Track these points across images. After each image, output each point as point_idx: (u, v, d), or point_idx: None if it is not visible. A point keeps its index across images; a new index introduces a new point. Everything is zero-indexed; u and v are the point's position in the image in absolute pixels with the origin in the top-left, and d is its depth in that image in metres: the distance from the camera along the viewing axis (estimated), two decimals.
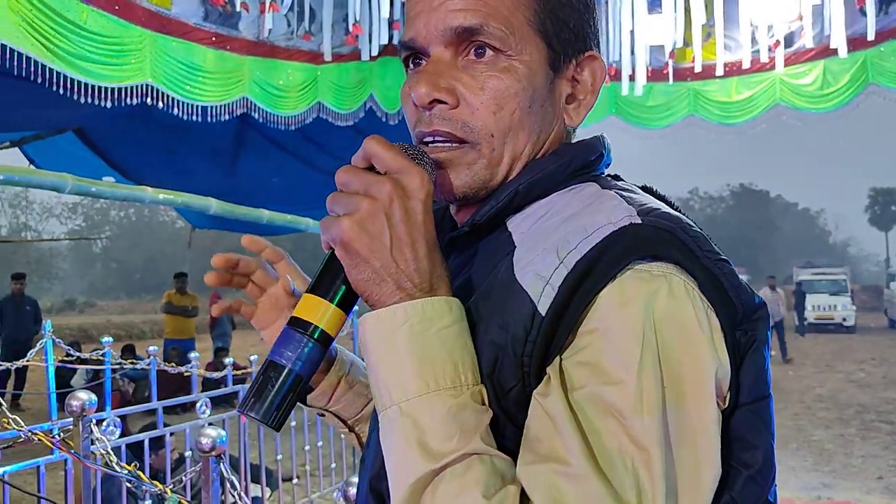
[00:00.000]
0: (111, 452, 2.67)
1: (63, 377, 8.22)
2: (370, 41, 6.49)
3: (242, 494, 2.32)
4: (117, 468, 2.59)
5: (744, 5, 7.02)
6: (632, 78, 7.19)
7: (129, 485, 2.64)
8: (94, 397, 2.76)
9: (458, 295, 0.75)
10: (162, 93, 5.32)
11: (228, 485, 2.44)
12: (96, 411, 2.91)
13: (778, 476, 0.78)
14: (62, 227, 53.72)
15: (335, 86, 6.66)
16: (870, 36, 6.54)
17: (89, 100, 4.83)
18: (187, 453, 3.98)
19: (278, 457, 4.54)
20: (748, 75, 7.48)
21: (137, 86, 5.13)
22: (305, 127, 6.66)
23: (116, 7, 4.93)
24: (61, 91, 4.63)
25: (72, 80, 4.66)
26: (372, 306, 0.73)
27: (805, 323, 22.01)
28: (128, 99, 5.10)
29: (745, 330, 0.74)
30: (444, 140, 0.81)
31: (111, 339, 4.41)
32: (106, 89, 4.91)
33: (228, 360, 4.75)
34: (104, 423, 3.34)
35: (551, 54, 0.82)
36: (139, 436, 3.97)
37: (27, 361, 4.76)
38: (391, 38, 6.38)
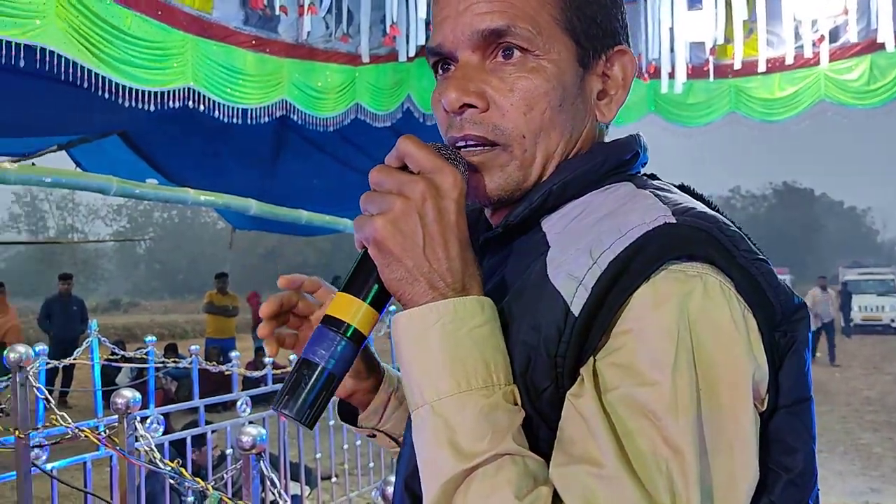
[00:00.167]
0: (155, 449, 2.72)
1: (108, 375, 8.41)
2: (407, 42, 6.52)
3: (282, 492, 2.34)
4: (161, 465, 2.63)
5: (787, 0, 6.90)
6: (671, 75, 7.11)
7: (172, 481, 2.68)
8: (139, 395, 2.81)
9: (492, 295, 0.75)
10: (203, 96, 5.42)
11: (268, 482, 2.47)
12: (140, 409, 2.97)
13: (824, 481, 0.76)
14: (107, 229, 55.03)
15: (373, 87, 6.71)
16: None
17: (133, 103, 4.95)
18: (228, 451, 4.04)
19: (317, 455, 4.58)
20: (791, 71, 7.35)
21: (179, 89, 5.24)
22: (343, 128, 6.72)
23: (159, 12, 5.03)
24: (106, 95, 4.75)
25: (116, 85, 4.78)
26: (404, 305, 0.73)
27: (851, 324, 21.56)
28: (170, 102, 5.21)
29: (785, 331, 0.72)
30: (476, 144, 0.80)
31: (154, 339, 4.51)
32: (149, 93, 5.03)
33: (268, 360, 4.81)
34: (148, 421, 3.41)
35: (580, 51, 0.82)
36: (182, 433, 4.05)
37: (74, 360, 4.89)
38: (428, 39, 6.41)
